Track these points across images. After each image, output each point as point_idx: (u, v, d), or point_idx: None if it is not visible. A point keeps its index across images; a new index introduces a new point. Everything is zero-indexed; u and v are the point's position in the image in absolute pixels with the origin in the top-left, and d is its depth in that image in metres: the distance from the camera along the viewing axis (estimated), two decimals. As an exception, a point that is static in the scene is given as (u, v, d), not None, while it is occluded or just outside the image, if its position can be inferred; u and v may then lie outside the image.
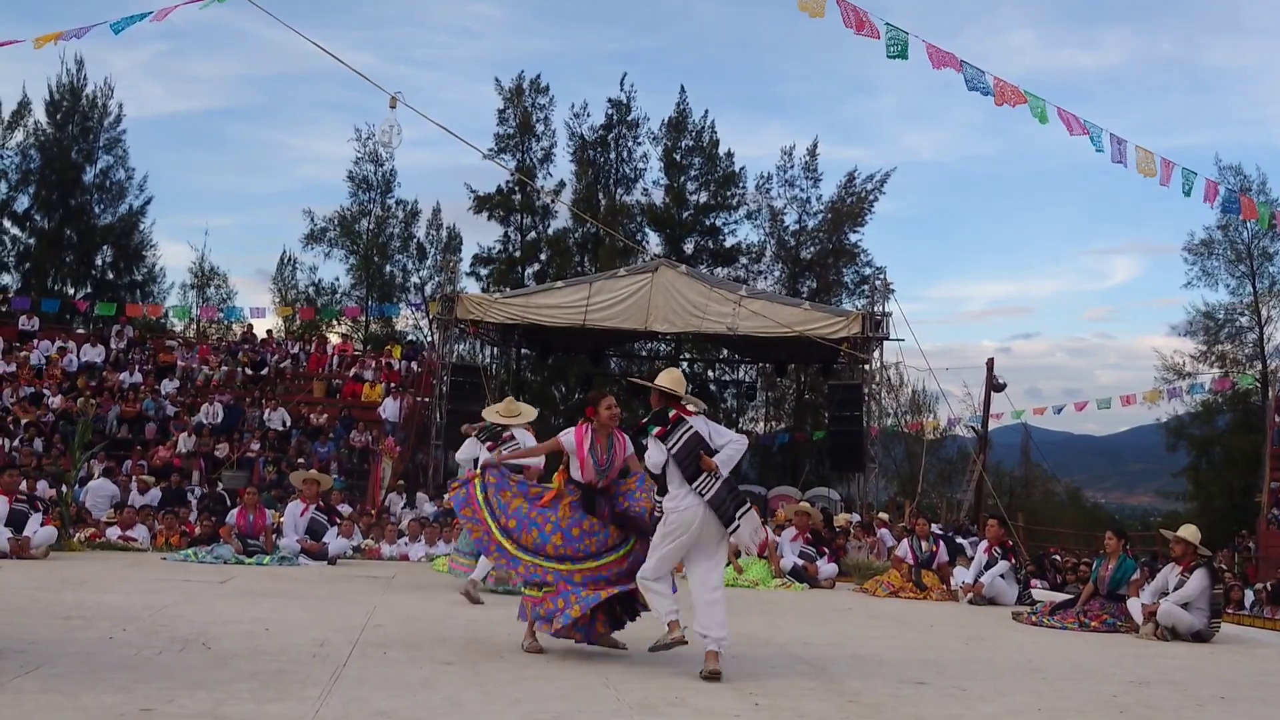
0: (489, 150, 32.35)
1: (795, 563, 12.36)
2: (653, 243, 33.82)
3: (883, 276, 25.44)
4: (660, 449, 5.69)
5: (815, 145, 35.03)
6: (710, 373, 31.81)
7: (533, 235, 35.04)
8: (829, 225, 34.46)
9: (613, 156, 35.11)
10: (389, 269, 35.51)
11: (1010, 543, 11.83)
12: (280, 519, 12.69)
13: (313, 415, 21.15)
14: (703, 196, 34.69)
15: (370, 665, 5.35)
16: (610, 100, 34.85)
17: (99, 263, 33.96)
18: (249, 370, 23.14)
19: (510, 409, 9.45)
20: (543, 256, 34.73)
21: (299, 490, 12.93)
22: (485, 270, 35.03)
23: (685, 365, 29.81)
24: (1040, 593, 12.39)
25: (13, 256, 33.35)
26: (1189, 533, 8.80)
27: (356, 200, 35.22)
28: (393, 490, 17.82)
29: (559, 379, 33.01)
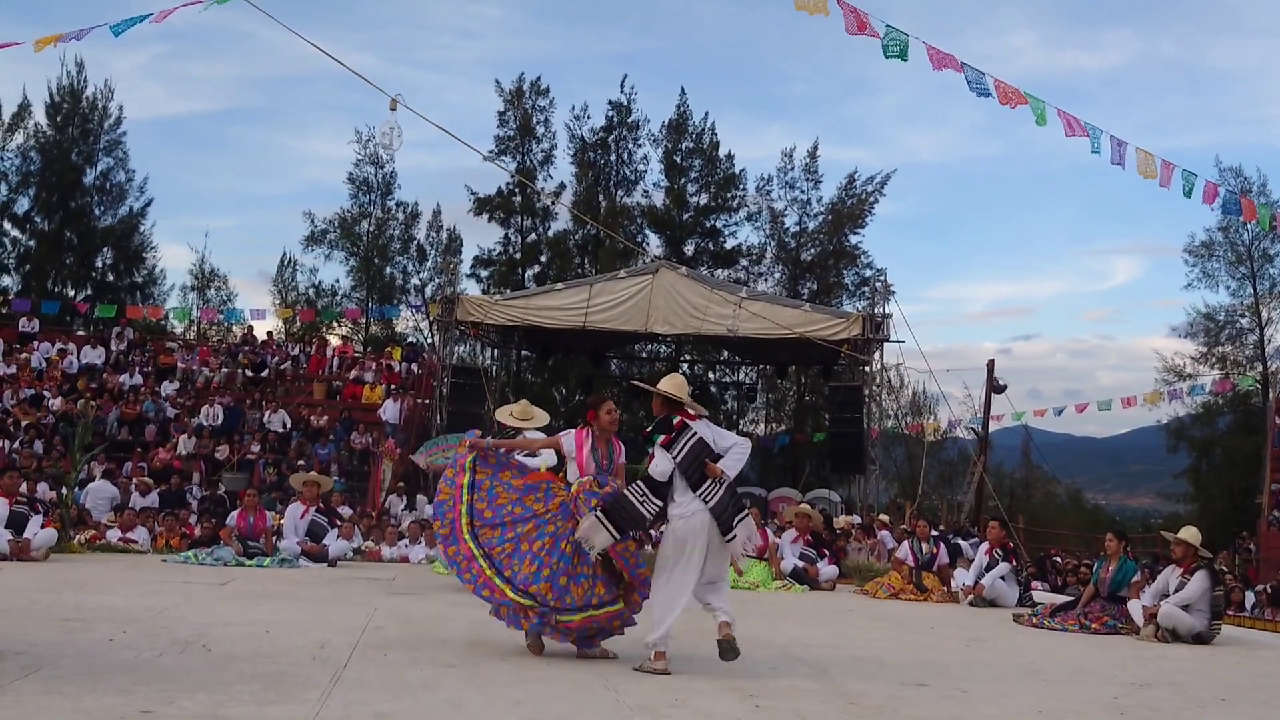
0: (489, 152, 32.40)
1: (796, 564, 12.37)
2: (653, 244, 33.83)
3: (883, 278, 25.52)
4: (666, 458, 5.66)
5: (816, 147, 35.19)
6: (710, 374, 31.79)
7: (533, 237, 35.06)
8: (829, 227, 34.47)
9: (613, 158, 35.15)
10: (389, 271, 35.55)
11: (1011, 544, 11.83)
12: (280, 521, 12.68)
13: (313, 417, 21.15)
14: (703, 198, 34.72)
15: (371, 667, 5.35)
16: (611, 102, 34.98)
17: (99, 265, 34.04)
18: (249, 372, 23.14)
19: (525, 412, 9.42)
20: (543, 258, 34.74)
21: (299, 492, 12.95)
22: (485, 272, 35.09)
23: (685, 367, 29.82)
24: (1041, 595, 12.37)
25: (13, 258, 33.44)
26: (1190, 534, 8.80)
27: (357, 202, 35.31)
28: (393, 492, 17.79)
29: (559, 381, 33.01)
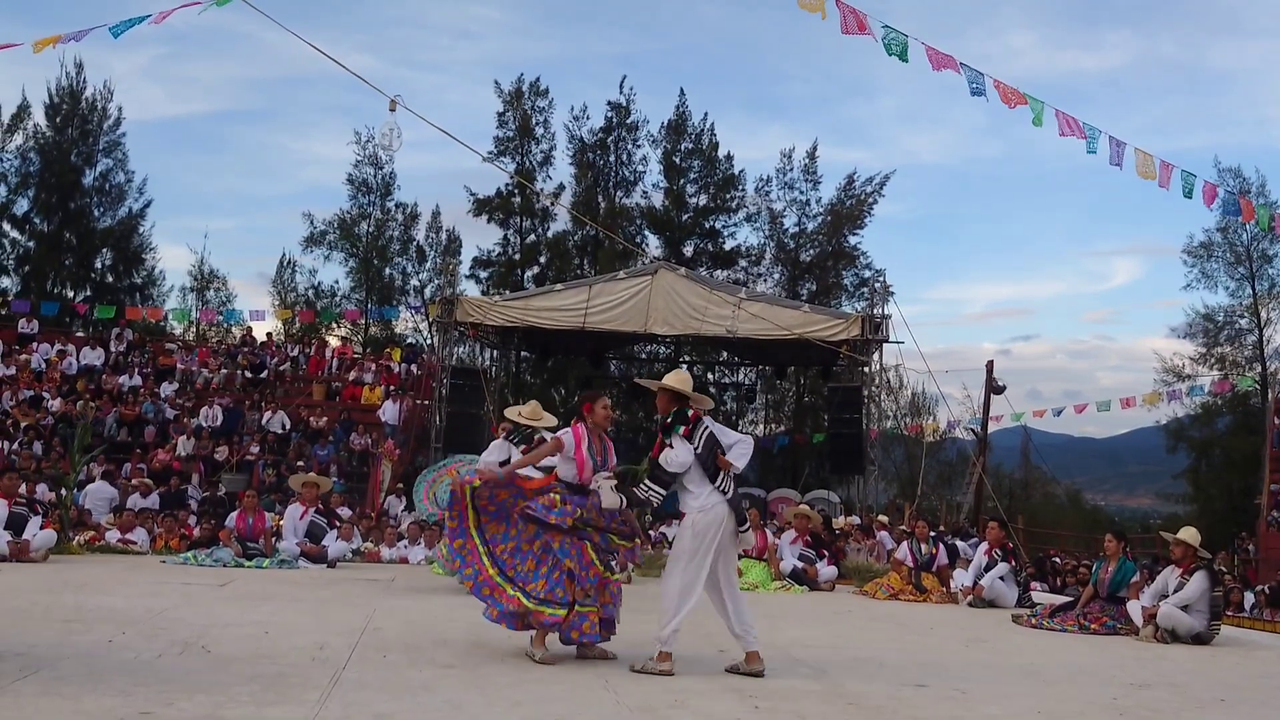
0: (489, 153, 32.43)
1: (795, 565, 12.36)
2: (652, 245, 33.83)
3: (882, 279, 25.52)
4: (687, 448, 5.67)
5: (815, 148, 35.22)
6: (710, 375, 31.78)
7: (532, 238, 35.03)
8: (829, 228, 34.46)
9: (612, 159, 35.12)
10: (388, 272, 35.53)
11: (1010, 545, 11.82)
12: (280, 522, 12.65)
13: (312, 418, 21.15)
14: (702, 199, 34.71)
15: (370, 668, 5.35)
16: (610, 103, 34.96)
17: (98, 265, 34.03)
18: (248, 373, 23.14)
19: (535, 412, 9.44)
20: (542, 259, 34.71)
21: (298, 493, 12.93)
22: (485, 273, 35.06)
23: (685, 368, 29.76)
24: (1040, 595, 12.36)
25: (12, 259, 33.42)
26: (1189, 535, 8.80)
27: (356, 203, 35.28)
28: (392, 493, 17.77)
29: (559, 381, 32.98)
